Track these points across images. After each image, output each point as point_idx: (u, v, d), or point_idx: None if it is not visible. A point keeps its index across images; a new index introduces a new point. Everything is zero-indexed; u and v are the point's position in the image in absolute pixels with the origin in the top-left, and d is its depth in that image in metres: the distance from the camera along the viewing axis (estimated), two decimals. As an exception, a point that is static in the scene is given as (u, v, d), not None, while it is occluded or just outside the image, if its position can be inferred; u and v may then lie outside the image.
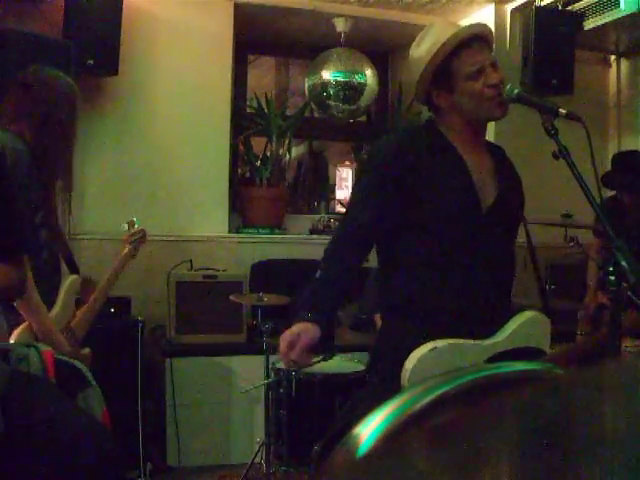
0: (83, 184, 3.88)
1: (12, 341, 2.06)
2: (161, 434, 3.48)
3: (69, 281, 2.41)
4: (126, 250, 2.77)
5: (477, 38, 1.78)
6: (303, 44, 4.94)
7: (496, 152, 1.93)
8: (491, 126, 4.45)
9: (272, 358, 3.05)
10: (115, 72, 3.74)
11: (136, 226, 2.85)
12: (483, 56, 1.76)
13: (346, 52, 4.52)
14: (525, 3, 4.33)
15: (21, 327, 2.10)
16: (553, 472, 0.46)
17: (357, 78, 4.48)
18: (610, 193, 3.78)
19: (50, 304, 2.27)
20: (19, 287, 1.71)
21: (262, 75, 5.40)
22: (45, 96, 2.16)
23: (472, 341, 1.69)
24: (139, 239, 2.82)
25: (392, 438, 0.68)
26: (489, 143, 1.93)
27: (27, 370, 1.71)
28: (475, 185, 1.78)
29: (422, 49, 1.80)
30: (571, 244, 3.48)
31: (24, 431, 1.44)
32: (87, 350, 2.42)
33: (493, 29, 4.46)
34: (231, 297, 3.34)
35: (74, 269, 2.50)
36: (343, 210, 5.28)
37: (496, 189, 1.81)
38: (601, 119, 4.81)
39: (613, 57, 4.89)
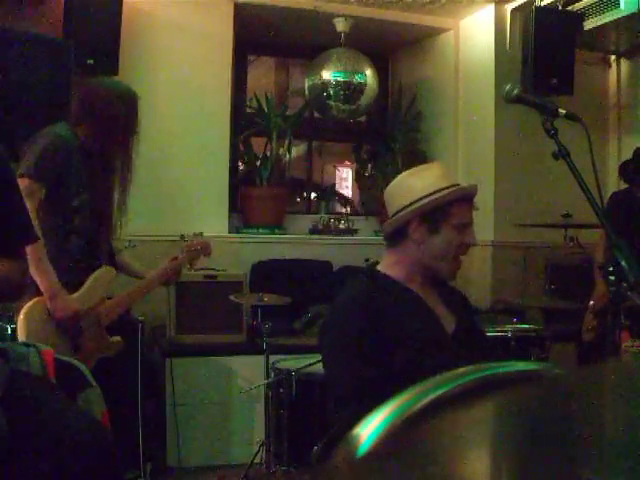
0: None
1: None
2: (161, 434, 3.48)
3: (102, 270, 2.62)
4: (183, 257, 2.96)
5: (471, 197, 1.88)
6: (303, 44, 4.94)
7: (438, 283, 1.98)
8: (491, 126, 4.49)
9: (272, 358, 3.05)
10: (115, 72, 3.74)
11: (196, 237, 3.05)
12: (470, 214, 1.86)
13: (346, 52, 4.52)
14: (525, 3, 4.33)
15: (33, 300, 2.32)
16: (552, 473, 0.46)
17: (357, 78, 4.48)
18: (614, 190, 3.77)
19: (76, 286, 2.50)
20: (19, 282, 1.71)
21: (262, 75, 5.40)
22: (99, 107, 2.60)
23: None
24: (198, 250, 3.02)
25: (392, 438, 0.68)
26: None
27: (27, 370, 1.71)
28: (437, 317, 1.85)
29: (426, 180, 1.83)
30: (571, 244, 3.48)
31: (24, 431, 1.44)
32: (117, 338, 2.54)
33: (493, 29, 4.47)
34: (231, 297, 3.34)
35: (111, 263, 2.73)
36: (343, 210, 5.25)
37: (453, 314, 1.90)
38: (601, 119, 4.81)
39: (613, 57, 4.89)
